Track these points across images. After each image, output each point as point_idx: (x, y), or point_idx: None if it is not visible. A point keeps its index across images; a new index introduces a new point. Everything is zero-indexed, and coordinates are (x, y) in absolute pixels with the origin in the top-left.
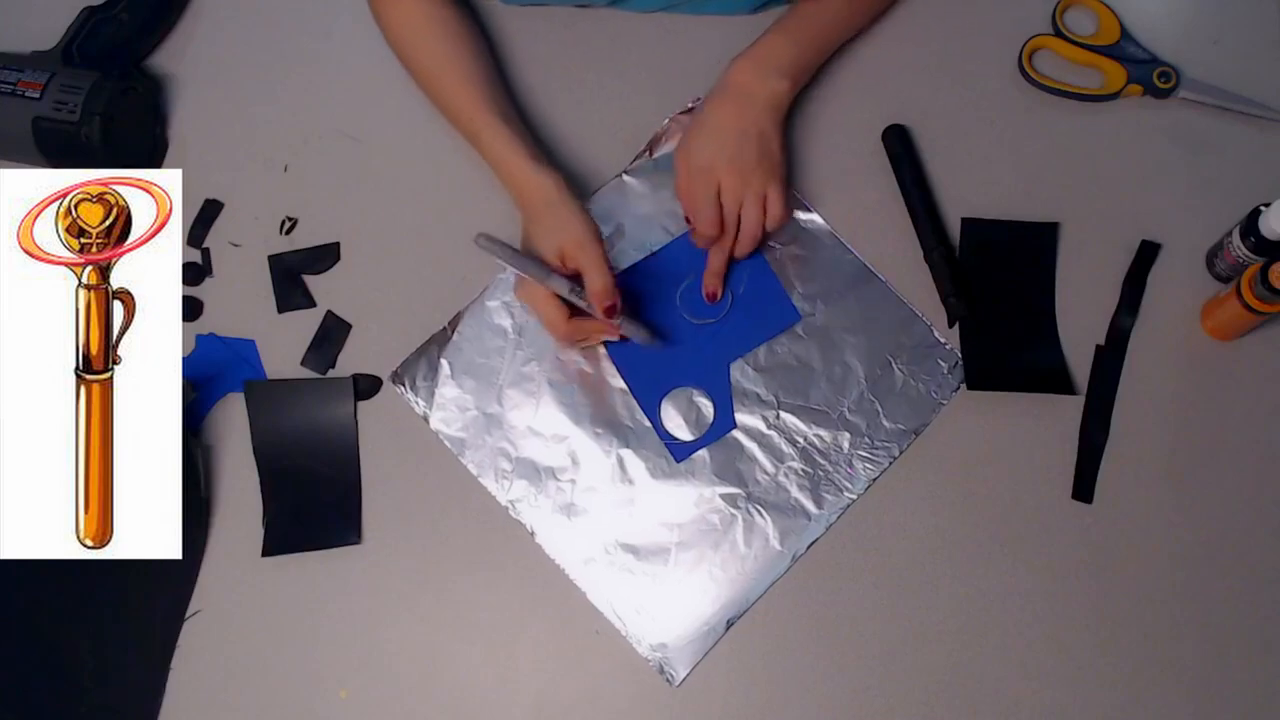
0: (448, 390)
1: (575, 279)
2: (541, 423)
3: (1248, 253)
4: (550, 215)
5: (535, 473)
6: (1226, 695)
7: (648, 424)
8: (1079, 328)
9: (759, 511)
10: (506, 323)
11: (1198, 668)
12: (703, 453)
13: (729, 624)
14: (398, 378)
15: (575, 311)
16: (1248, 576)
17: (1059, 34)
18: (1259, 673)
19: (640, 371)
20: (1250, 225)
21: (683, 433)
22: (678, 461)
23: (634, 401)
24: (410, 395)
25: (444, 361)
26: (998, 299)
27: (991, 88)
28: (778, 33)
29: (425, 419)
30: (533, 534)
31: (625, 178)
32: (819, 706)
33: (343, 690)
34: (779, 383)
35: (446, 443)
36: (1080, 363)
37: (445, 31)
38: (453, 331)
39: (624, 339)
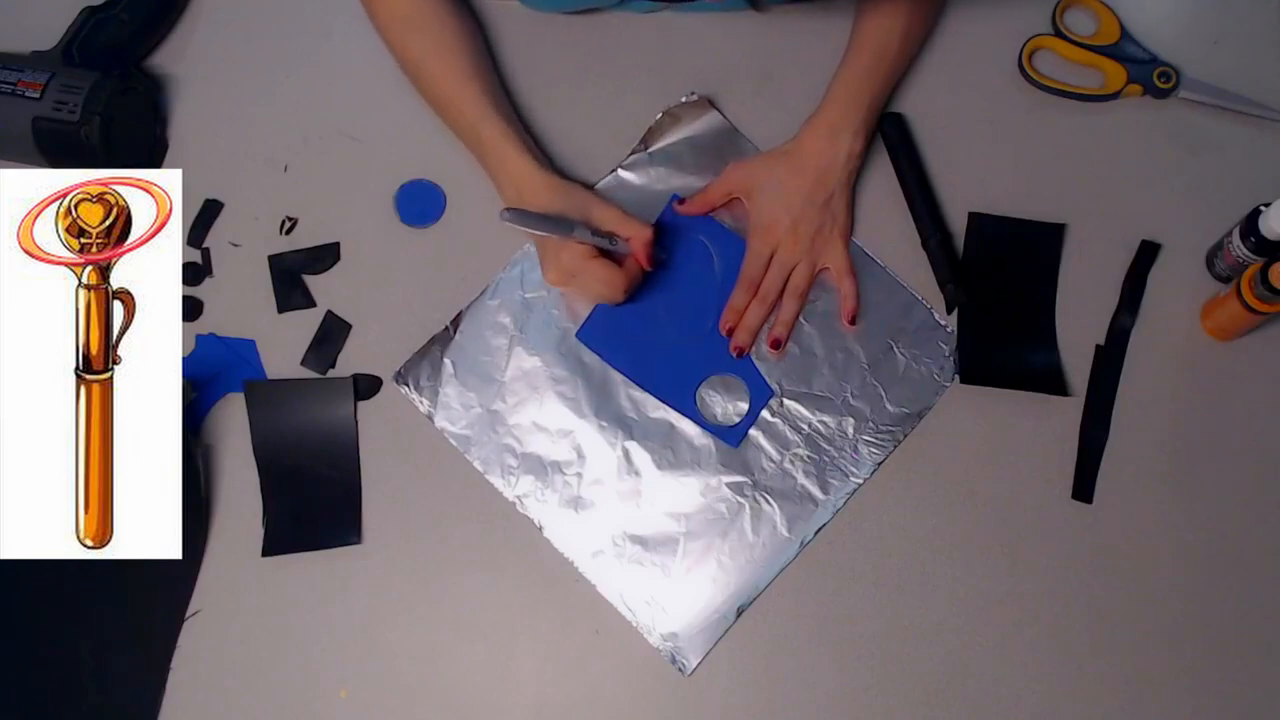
0: (451, 389)
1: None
2: (546, 418)
3: (1248, 253)
4: (555, 194)
5: (541, 468)
6: (1226, 695)
7: (652, 416)
8: (1079, 327)
9: (766, 499)
10: (507, 320)
11: (1198, 668)
12: (708, 441)
13: (739, 611)
14: (401, 378)
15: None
16: (1248, 576)
17: (1059, 34)
18: (1259, 673)
19: (659, 379)
20: (1250, 225)
21: (728, 418)
22: (735, 447)
23: (638, 394)
24: (414, 395)
25: (447, 361)
26: (998, 296)
27: (991, 88)
28: (842, 87)
29: (430, 418)
30: (540, 529)
31: (620, 172)
32: (823, 696)
33: (343, 690)
34: (782, 370)
35: (453, 441)
36: (1080, 363)
37: (436, 23)
38: (454, 331)
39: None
